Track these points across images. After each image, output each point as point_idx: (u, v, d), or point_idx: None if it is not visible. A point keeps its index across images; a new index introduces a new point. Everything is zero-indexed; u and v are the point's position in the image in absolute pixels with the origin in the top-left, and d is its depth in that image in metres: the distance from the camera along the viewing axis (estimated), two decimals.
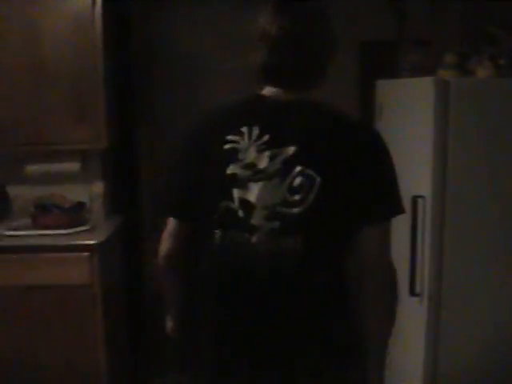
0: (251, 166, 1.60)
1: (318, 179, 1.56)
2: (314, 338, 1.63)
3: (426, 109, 2.44)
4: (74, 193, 3.56)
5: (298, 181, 1.57)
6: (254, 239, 1.58)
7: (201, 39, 4.92)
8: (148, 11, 4.90)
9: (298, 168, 1.57)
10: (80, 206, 3.44)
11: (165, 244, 1.76)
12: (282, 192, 1.57)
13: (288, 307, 1.61)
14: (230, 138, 1.62)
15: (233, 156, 1.61)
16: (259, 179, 1.59)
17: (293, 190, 1.57)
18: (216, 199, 1.62)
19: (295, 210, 1.56)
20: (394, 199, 1.65)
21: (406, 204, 2.51)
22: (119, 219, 3.65)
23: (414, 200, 2.51)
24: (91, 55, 3.27)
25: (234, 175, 1.60)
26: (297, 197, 1.57)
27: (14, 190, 3.59)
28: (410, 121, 2.65)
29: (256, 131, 1.61)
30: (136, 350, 4.04)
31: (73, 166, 3.51)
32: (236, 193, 1.60)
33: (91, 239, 3.11)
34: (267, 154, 1.59)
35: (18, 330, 3.11)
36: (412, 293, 2.54)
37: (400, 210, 1.66)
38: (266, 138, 1.60)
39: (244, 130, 1.62)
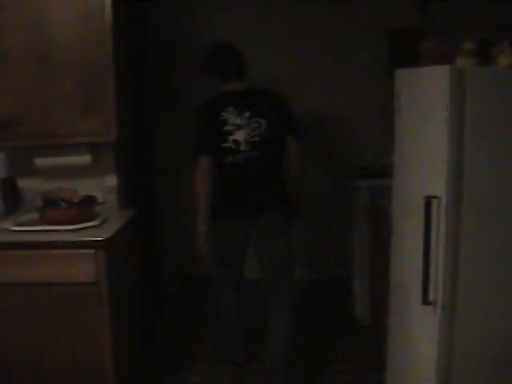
0: (234, 124, 3.34)
1: (264, 122, 3.37)
2: (271, 192, 3.47)
3: (442, 99, 2.22)
4: (87, 187, 3.48)
5: (254, 125, 3.36)
6: (243, 155, 3.35)
7: (220, 29, 4.77)
8: None
9: (254, 119, 3.36)
10: (90, 200, 3.32)
11: (200, 168, 3.30)
12: (248, 132, 3.35)
13: (259, 178, 3.42)
14: (222, 113, 3.34)
15: (225, 121, 3.34)
16: (238, 129, 3.33)
17: (253, 130, 3.35)
18: (221, 142, 3.33)
19: (256, 139, 3.36)
20: (295, 128, 3.49)
21: (420, 205, 2.35)
22: (132, 213, 3.53)
23: (428, 201, 2.31)
24: (99, 44, 3.17)
25: (228, 130, 3.33)
26: (255, 132, 3.36)
27: (25, 184, 3.55)
28: (425, 113, 2.43)
29: (232, 108, 3.35)
30: (146, 348, 3.95)
31: (84, 159, 3.42)
32: (230, 137, 3.33)
33: (97, 235, 2.99)
34: (239, 117, 3.35)
35: (22, 327, 3.04)
36: (425, 301, 2.35)
37: (299, 133, 3.49)
38: (236, 110, 3.35)
39: (227, 109, 3.35)
